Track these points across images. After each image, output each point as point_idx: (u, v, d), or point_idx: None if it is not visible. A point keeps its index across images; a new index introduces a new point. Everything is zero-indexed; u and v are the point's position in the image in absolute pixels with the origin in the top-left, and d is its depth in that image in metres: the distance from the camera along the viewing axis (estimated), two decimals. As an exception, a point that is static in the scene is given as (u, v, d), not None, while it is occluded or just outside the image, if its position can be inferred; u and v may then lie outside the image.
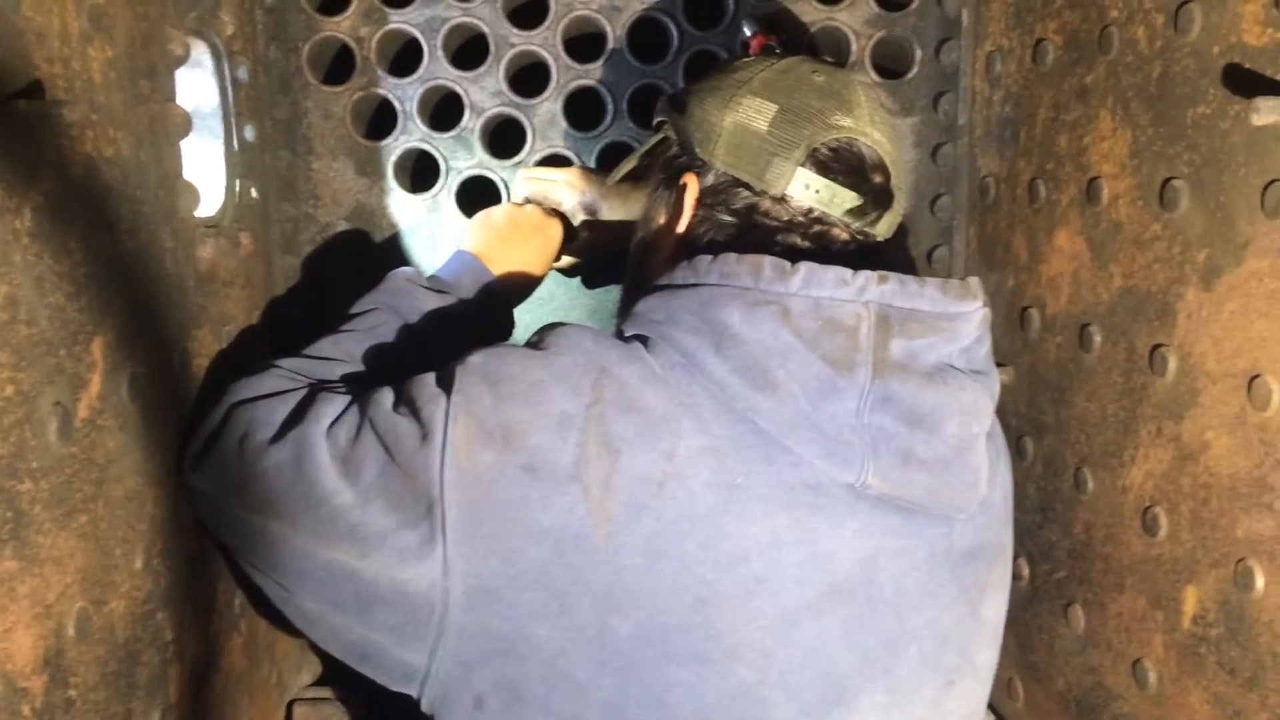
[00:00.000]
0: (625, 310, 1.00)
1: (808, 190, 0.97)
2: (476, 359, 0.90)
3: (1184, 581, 1.01)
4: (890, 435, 0.88)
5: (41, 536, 0.75)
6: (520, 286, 1.26)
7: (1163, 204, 1.02)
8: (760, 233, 0.98)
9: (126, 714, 0.87)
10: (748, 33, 1.39)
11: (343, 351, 1.07)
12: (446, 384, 0.89)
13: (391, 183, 1.41)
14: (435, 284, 1.17)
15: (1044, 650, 1.27)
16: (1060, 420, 1.22)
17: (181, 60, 1.06)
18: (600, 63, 1.41)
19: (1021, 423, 1.30)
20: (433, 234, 1.42)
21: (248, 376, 1.01)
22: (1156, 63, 1.03)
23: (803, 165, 0.97)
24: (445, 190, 1.42)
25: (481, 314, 1.19)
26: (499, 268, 1.22)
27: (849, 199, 0.98)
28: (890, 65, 1.45)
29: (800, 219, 0.98)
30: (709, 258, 0.91)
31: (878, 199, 0.99)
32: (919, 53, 1.43)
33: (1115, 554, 1.12)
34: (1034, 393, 1.27)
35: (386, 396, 0.92)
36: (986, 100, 1.38)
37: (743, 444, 0.87)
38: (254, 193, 1.28)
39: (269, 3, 1.34)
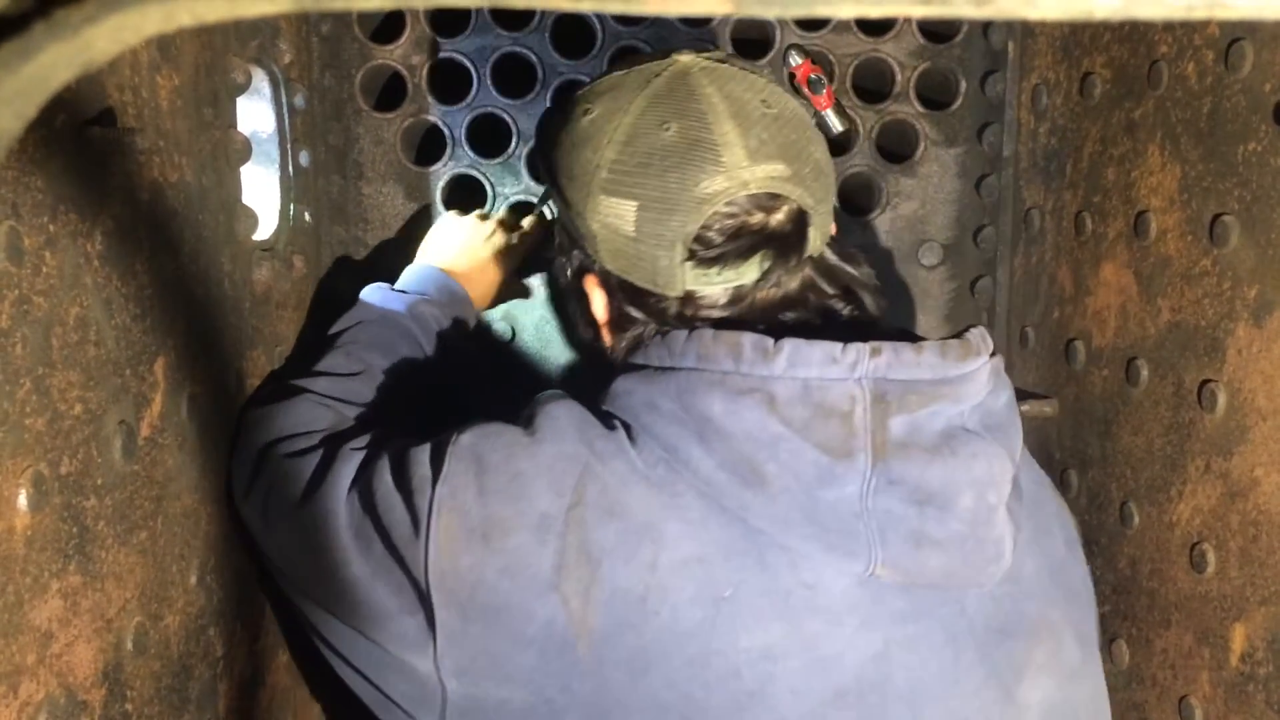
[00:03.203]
0: (596, 379, 0.93)
1: (707, 282, 0.88)
2: (466, 440, 0.86)
3: (1232, 619, 1.00)
4: (898, 518, 0.80)
5: (104, 552, 0.77)
6: (479, 281, 1.25)
7: (1212, 239, 1.02)
8: (690, 324, 0.88)
9: (178, 728, 0.89)
10: (794, 62, 1.40)
11: (361, 364, 1.08)
12: (436, 466, 0.85)
13: (440, 207, 1.43)
14: (410, 286, 1.19)
15: (1087, 686, 1.25)
16: (1105, 454, 1.21)
17: (243, 88, 1.08)
18: (647, 92, 1.43)
19: (1066, 455, 1.29)
20: (479, 258, 1.44)
21: (283, 404, 1.02)
22: (1207, 99, 1.03)
23: (687, 261, 0.87)
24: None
25: (458, 311, 1.19)
26: (455, 269, 1.22)
27: (754, 265, 0.87)
28: (935, 96, 1.46)
29: (721, 306, 0.89)
30: (684, 334, 0.84)
31: (786, 244, 0.88)
32: (964, 84, 1.44)
33: (1161, 590, 1.11)
34: (1079, 425, 1.27)
35: (385, 470, 0.88)
36: (1032, 132, 1.38)
37: (733, 549, 0.81)
38: (307, 216, 1.30)
39: (324, 31, 1.37)
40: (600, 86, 0.93)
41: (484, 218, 1.30)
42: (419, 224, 1.43)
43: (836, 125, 1.42)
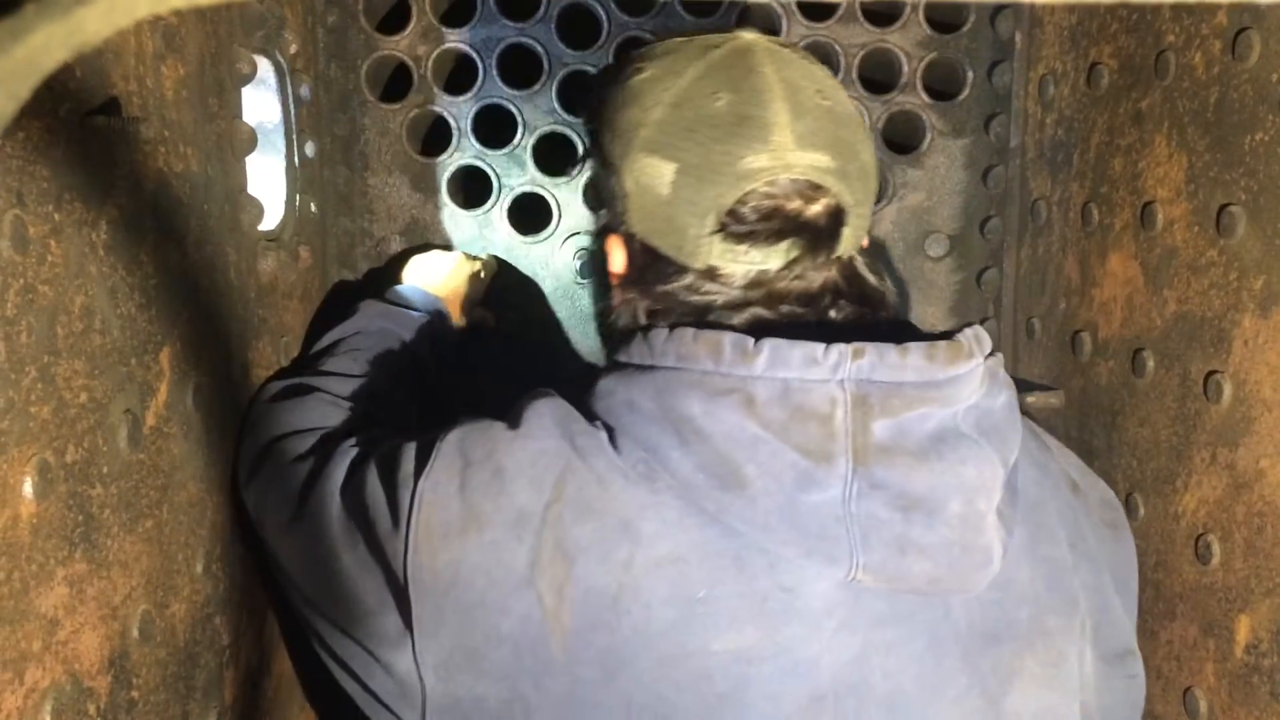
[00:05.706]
0: (581, 377, 0.91)
1: (733, 259, 0.85)
2: (453, 436, 0.86)
3: (1237, 610, 1.00)
4: (882, 523, 0.78)
5: (109, 540, 0.77)
6: (454, 305, 1.33)
7: (1219, 230, 1.01)
8: (701, 310, 0.87)
9: (184, 715, 0.89)
10: None
11: (366, 367, 1.12)
12: (422, 461, 0.85)
13: (445, 198, 1.43)
14: (400, 301, 1.26)
15: (1091, 677, 1.25)
16: (1111, 445, 1.21)
17: (248, 78, 1.09)
18: (652, 82, 1.43)
19: (1072, 447, 1.28)
20: (484, 249, 1.44)
21: (295, 400, 1.04)
22: (1214, 88, 1.03)
23: (717, 234, 0.85)
24: (497, 207, 1.44)
25: (445, 325, 1.28)
26: (437, 293, 1.30)
27: (780, 252, 0.85)
28: (942, 87, 1.46)
29: (737, 290, 0.86)
30: (664, 332, 0.82)
31: (817, 237, 0.86)
32: (971, 75, 1.43)
33: (1166, 581, 1.11)
34: (1085, 416, 1.26)
35: (375, 466, 0.89)
36: (1039, 123, 1.38)
37: (709, 550, 0.80)
38: (313, 207, 1.30)
39: (330, 22, 1.37)
40: (658, 49, 0.92)
41: (469, 257, 1.40)
42: (425, 214, 1.43)
43: None
